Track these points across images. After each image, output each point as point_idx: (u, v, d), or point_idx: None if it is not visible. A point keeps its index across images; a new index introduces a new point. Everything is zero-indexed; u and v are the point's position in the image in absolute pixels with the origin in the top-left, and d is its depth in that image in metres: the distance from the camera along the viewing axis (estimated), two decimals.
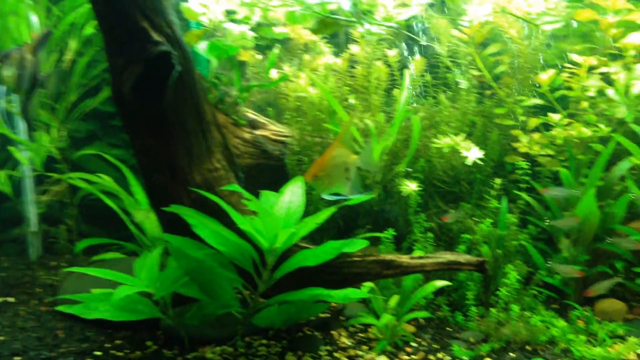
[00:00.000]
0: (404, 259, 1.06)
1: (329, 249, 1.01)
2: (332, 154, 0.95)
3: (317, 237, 1.23)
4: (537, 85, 1.20)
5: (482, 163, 1.18)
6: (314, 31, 1.08)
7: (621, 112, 1.14)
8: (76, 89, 1.22)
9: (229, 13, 1.08)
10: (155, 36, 0.96)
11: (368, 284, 1.13)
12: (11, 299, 1.35)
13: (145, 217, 1.14)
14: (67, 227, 1.36)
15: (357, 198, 1.04)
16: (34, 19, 1.20)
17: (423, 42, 1.18)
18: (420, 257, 1.07)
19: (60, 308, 1.16)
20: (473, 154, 1.06)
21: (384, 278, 1.09)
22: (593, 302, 1.23)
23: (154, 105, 0.98)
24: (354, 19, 1.05)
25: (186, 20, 1.13)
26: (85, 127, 1.30)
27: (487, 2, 1.07)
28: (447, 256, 1.06)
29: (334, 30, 1.09)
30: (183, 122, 1.02)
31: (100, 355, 1.07)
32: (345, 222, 1.23)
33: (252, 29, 1.13)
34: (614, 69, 1.17)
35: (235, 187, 1.00)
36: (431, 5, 1.14)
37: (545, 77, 1.18)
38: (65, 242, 1.43)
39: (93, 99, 1.25)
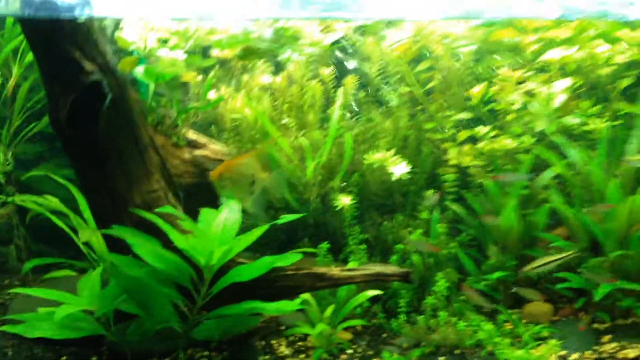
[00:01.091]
0: (335, 271, 1.10)
1: (262, 265, 1.04)
2: (242, 161, 0.98)
3: (260, 249, 1.25)
4: (469, 99, 1.23)
5: (415, 176, 1.21)
6: (240, 58, 1.09)
7: (541, 124, 1.17)
8: (20, 113, 1.22)
9: (165, 41, 1.10)
10: (88, 65, 0.97)
11: (304, 295, 1.16)
12: None
13: (92, 236, 1.15)
14: (16, 247, 1.36)
15: (287, 217, 1.07)
16: None
17: (354, 62, 1.19)
18: (350, 270, 1.11)
19: (4, 328, 1.18)
20: (399, 169, 1.09)
21: (317, 290, 1.12)
22: (522, 306, 1.26)
23: (88, 132, 1.00)
24: (277, 46, 1.07)
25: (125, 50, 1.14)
26: (32, 150, 1.31)
27: (406, 27, 1.10)
28: (375, 268, 1.11)
29: (258, 57, 1.11)
30: (119, 147, 1.04)
31: None
32: (287, 235, 1.26)
33: (192, 53, 1.15)
34: (534, 84, 1.21)
35: (169, 208, 1.02)
36: (359, 29, 1.16)
37: (476, 90, 1.21)
38: (15, 262, 1.43)
39: (38, 122, 1.26)
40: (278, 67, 1.26)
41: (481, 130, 1.22)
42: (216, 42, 1.06)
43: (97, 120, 1.01)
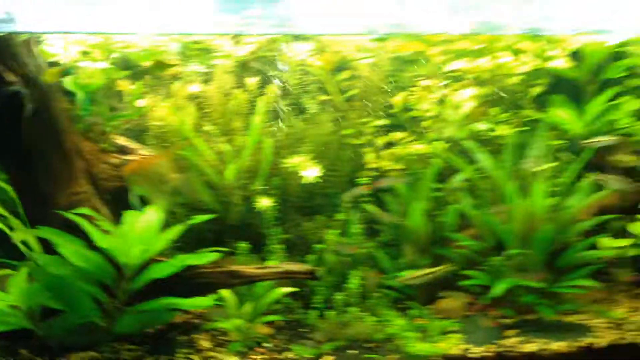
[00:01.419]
0: (248, 269, 1.17)
1: (177, 262, 1.12)
2: (155, 161, 1.04)
3: (194, 248, 1.31)
4: (389, 106, 1.29)
5: (335, 179, 1.27)
6: (151, 70, 1.15)
7: (450, 130, 1.23)
8: None
9: (87, 54, 1.16)
10: (9, 77, 1.03)
11: (225, 293, 1.22)
12: None
13: (26, 236, 1.20)
14: None
15: (199, 217, 1.13)
16: None
17: (278, 72, 1.26)
18: (262, 267, 1.18)
19: None
20: (311, 173, 1.15)
21: (232, 287, 1.19)
22: (435, 302, 1.32)
23: (12, 138, 1.06)
24: (185, 58, 1.13)
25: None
26: None
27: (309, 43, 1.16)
28: (284, 266, 1.18)
29: (167, 69, 1.17)
30: (44, 153, 1.12)
31: None
32: (215, 236, 1.31)
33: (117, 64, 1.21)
34: (447, 92, 1.27)
35: (87, 210, 1.08)
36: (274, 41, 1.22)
37: (397, 99, 1.27)
38: None
39: None
40: (208, 77, 1.32)
41: (397, 135, 1.27)
42: (133, 54, 1.12)
43: (19, 128, 1.07)
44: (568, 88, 1.33)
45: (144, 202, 1.31)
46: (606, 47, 1.26)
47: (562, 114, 1.27)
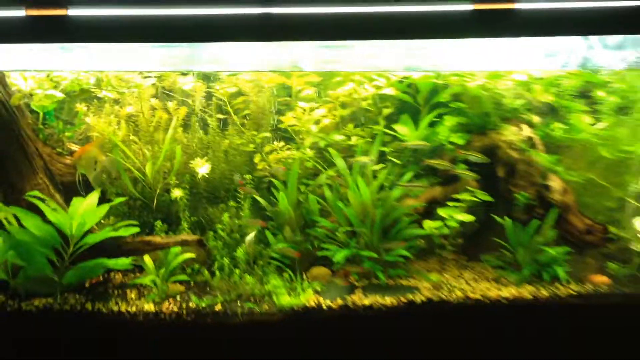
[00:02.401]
0: (156, 239, 1.53)
1: (104, 233, 1.48)
2: (90, 148, 1.44)
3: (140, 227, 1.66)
4: (274, 123, 1.64)
5: (233, 176, 1.62)
6: (79, 95, 1.53)
7: (309, 140, 1.58)
8: None
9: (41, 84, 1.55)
10: None
11: (147, 257, 1.57)
12: None
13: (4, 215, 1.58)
14: None
15: (118, 199, 1.51)
16: None
17: (187, 98, 1.62)
18: (167, 238, 1.54)
19: None
20: (203, 169, 1.51)
21: (146, 252, 1.54)
22: (309, 269, 1.66)
23: None
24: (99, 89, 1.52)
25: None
26: None
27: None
28: (182, 237, 1.53)
29: (88, 95, 1.54)
30: (13, 155, 1.49)
31: None
32: (141, 216, 1.66)
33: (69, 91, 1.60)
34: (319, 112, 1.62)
35: (37, 193, 1.46)
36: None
37: (283, 117, 1.63)
38: None
39: None
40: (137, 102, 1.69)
41: (277, 145, 1.63)
42: (68, 85, 1.51)
43: None
44: (411, 109, 1.67)
45: (88, 187, 1.69)
46: (432, 80, 1.60)
47: (402, 128, 1.61)
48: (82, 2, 1.32)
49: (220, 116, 1.62)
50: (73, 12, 1.32)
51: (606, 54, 1.49)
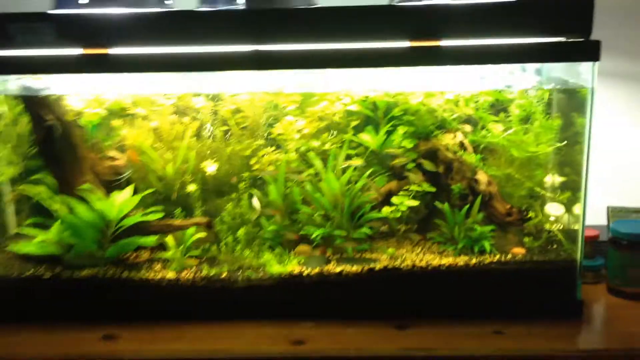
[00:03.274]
0: (176, 222, 1.90)
1: (136, 217, 1.85)
2: (131, 153, 1.83)
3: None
4: (268, 133, 2.02)
5: (234, 176, 2.00)
6: (113, 114, 1.93)
7: (290, 145, 1.96)
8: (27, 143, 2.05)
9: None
10: (48, 117, 1.82)
11: (169, 237, 1.95)
12: None
13: (60, 205, 1.96)
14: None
15: (147, 191, 1.90)
16: None
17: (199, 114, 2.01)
18: (183, 220, 1.91)
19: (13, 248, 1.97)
20: (211, 169, 1.89)
21: (169, 232, 1.90)
22: (295, 246, 2.01)
23: (50, 150, 1.86)
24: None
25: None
26: (34, 163, 2.09)
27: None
28: (195, 220, 1.91)
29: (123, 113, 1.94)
30: (67, 158, 1.86)
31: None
32: (165, 206, 2.02)
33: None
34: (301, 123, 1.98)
35: (89, 186, 1.85)
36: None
37: (272, 128, 1.99)
38: None
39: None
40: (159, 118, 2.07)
41: (268, 150, 2.00)
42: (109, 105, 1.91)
43: (54, 144, 1.86)
44: (373, 122, 2.05)
45: (128, 182, 2.07)
46: (386, 99, 1.97)
47: (365, 136, 1.98)
48: (118, 44, 1.71)
49: (224, 128, 2.00)
50: (112, 51, 1.72)
51: (523, 76, 1.87)
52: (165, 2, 1.83)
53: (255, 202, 1.93)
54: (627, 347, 1.60)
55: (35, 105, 1.74)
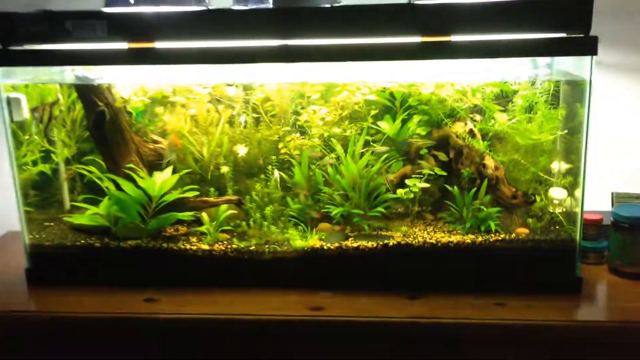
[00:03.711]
0: (210, 199, 2.08)
1: (175, 194, 2.02)
2: (172, 138, 2.02)
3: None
4: (294, 120, 2.17)
5: (264, 159, 2.17)
6: (157, 102, 2.11)
7: (316, 131, 2.11)
8: (80, 127, 2.26)
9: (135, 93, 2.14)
10: (99, 103, 2.02)
11: (203, 213, 2.13)
12: None
13: (108, 183, 2.16)
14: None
15: (185, 171, 2.08)
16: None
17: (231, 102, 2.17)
18: (217, 198, 2.09)
19: (70, 218, 2.19)
20: (242, 151, 2.06)
21: (204, 209, 2.08)
22: (317, 224, 2.14)
23: (101, 133, 2.06)
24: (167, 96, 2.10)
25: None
26: (86, 146, 2.32)
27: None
28: (227, 197, 2.08)
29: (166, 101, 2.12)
30: (116, 140, 2.06)
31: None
32: (200, 185, 2.19)
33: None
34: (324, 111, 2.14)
35: (133, 166, 2.05)
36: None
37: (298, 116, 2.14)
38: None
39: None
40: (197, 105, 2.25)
41: (294, 135, 2.16)
42: (153, 93, 2.09)
43: (104, 127, 2.05)
44: (391, 111, 2.19)
45: (168, 164, 2.25)
46: (402, 90, 2.11)
47: (384, 124, 2.13)
48: (163, 38, 1.89)
49: (254, 115, 2.17)
50: (157, 44, 1.90)
51: (528, 69, 2.00)
52: (203, 0, 2.00)
53: (276, 175, 2.08)
54: (622, 319, 1.70)
55: (88, 93, 1.92)
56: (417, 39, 1.81)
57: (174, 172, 2.10)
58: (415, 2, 1.84)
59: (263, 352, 1.71)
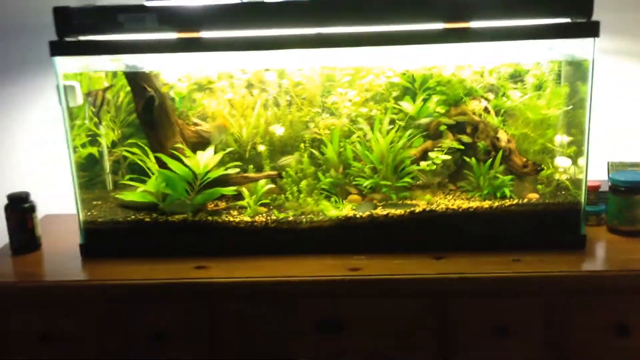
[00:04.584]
0: (251, 175, 2.26)
1: (219, 171, 2.20)
2: (219, 122, 2.21)
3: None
4: (323, 102, 2.36)
5: (296, 137, 2.35)
6: (197, 89, 2.29)
7: (348, 112, 2.31)
8: (124, 112, 2.42)
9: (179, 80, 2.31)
10: (148, 89, 2.18)
11: (243, 188, 2.32)
12: None
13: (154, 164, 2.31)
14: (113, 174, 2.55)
15: (227, 150, 2.26)
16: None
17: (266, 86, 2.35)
18: (257, 174, 2.27)
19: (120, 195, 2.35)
20: (278, 130, 2.25)
21: (244, 184, 2.26)
22: (347, 196, 2.36)
23: (149, 116, 2.22)
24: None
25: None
26: (128, 131, 2.49)
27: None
28: (266, 173, 2.27)
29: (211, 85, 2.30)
30: (162, 123, 2.24)
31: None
32: (241, 163, 2.39)
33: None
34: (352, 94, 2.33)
35: (180, 146, 2.22)
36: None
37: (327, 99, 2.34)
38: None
39: (131, 116, 2.43)
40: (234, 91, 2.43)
41: (324, 116, 2.35)
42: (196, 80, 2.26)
43: (152, 112, 2.22)
44: (411, 92, 2.40)
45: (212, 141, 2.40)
46: (422, 72, 2.31)
47: (405, 104, 2.33)
48: (208, 28, 2.06)
49: (287, 98, 2.35)
50: (202, 34, 2.07)
51: (540, 51, 2.21)
52: None
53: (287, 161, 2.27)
54: (622, 268, 1.92)
55: (138, 80, 2.09)
56: (440, 25, 2.01)
57: (214, 151, 2.28)
58: None
59: (310, 310, 1.85)
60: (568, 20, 2.01)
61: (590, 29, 1.96)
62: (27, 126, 2.50)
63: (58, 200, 2.37)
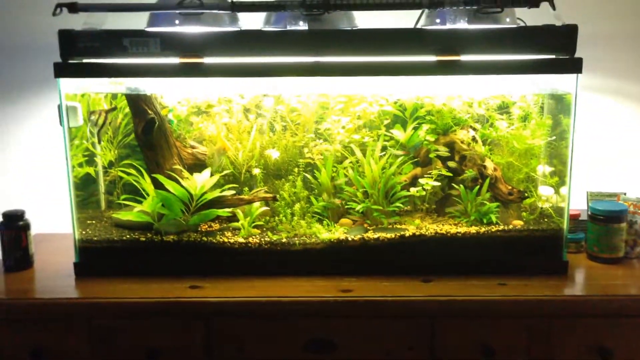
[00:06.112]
0: (245, 197, 2.32)
1: (214, 193, 2.24)
2: (219, 146, 2.25)
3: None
4: (317, 128, 2.43)
5: (290, 161, 2.42)
6: (195, 112, 2.36)
7: (341, 138, 2.39)
8: (121, 134, 2.47)
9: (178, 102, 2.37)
10: (149, 112, 2.24)
11: (237, 210, 2.37)
12: None
13: (149, 185, 2.36)
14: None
15: (221, 173, 2.31)
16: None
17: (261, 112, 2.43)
18: (252, 195, 2.33)
19: (115, 214, 2.38)
20: (274, 154, 2.32)
21: (239, 206, 2.32)
22: (339, 220, 2.43)
23: (148, 138, 2.27)
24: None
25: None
26: (125, 151, 2.53)
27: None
28: (261, 194, 2.33)
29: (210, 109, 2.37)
30: (161, 145, 2.29)
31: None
32: (235, 185, 2.44)
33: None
34: (345, 120, 2.43)
35: (178, 167, 2.27)
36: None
37: (319, 125, 2.41)
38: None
39: (128, 137, 2.48)
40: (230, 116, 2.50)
41: (317, 142, 2.42)
42: (195, 103, 2.33)
43: (152, 133, 2.28)
44: (402, 120, 2.48)
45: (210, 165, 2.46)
46: (414, 101, 2.40)
47: (396, 132, 2.42)
48: (209, 54, 2.13)
49: (283, 123, 2.42)
50: (204, 60, 2.14)
51: (525, 85, 2.32)
52: (237, 22, 2.25)
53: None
54: (603, 293, 1.99)
55: (139, 102, 2.15)
56: (432, 58, 2.11)
57: (210, 174, 2.33)
58: (431, 28, 2.14)
59: (301, 329, 1.86)
60: (552, 56, 2.11)
61: (574, 66, 2.07)
62: (22, 145, 2.54)
63: (47, 219, 2.40)
